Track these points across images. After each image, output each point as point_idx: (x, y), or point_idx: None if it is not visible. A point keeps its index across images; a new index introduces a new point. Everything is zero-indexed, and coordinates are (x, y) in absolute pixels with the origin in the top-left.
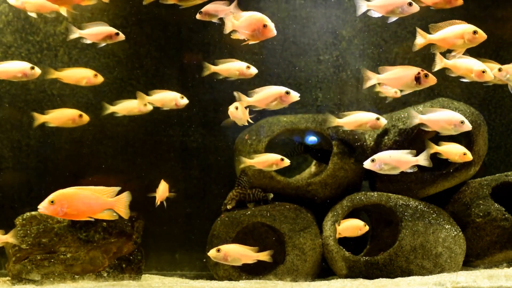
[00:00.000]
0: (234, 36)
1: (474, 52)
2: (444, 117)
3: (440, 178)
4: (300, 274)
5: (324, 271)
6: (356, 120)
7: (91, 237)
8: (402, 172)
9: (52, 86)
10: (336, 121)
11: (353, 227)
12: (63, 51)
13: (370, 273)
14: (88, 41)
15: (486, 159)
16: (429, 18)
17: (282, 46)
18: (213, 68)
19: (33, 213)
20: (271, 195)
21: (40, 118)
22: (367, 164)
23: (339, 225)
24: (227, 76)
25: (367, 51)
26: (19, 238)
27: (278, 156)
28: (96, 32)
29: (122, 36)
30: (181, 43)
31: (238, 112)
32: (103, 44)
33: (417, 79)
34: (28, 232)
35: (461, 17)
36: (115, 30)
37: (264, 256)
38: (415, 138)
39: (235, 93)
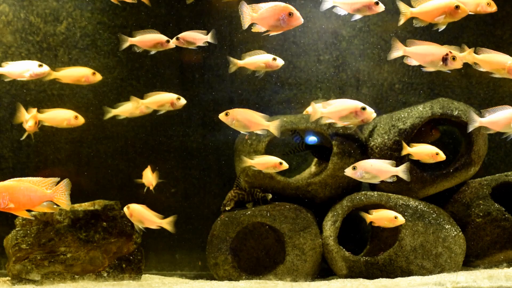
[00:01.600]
0: (255, 29)
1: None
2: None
3: (440, 178)
4: (300, 274)
5: (324, 271)
6: (339, 109)
7: (91, 237)
8: None
9: (52, 86)
10: (319, 112)
11: (386, 217)
12: (63, 51)
13: (370, 273)
14: (140, 49)
15: (486, 159)
16: None
17: (282, 46)
18: (239, 63)
19: (33, 213)
20: (270, 196)
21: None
22: (348, 172)
23: (371, 214)
24: (254, 70)
25: (367, 51)
26: (20, 238)
27: (278, 160)
28: (146, 40)
29: (172, 44)
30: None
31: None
32: (153, 52)
33: (445, 59)
34: (28, 232)
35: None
36: (166, 38)
37: (167, 223)
38: (415, 138)
39: (312, 103)
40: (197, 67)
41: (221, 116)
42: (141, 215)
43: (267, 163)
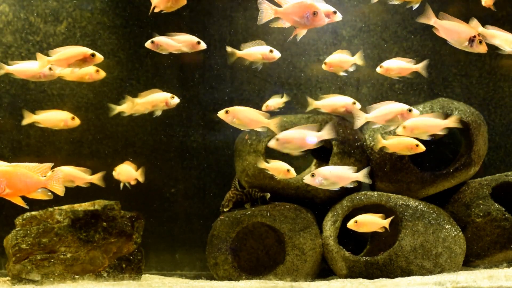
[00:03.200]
0: (276, 24)
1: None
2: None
3: (440, 178)
4: (300, 274)
5: (324, 271)
6: (332, 103)
7: (91, 237)
8: (402, 172)
9: (52, 86)
10: (314, 104)
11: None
12: None
13: (370, 273)
14: (166, 52)
15: (486, 159)
16: None
17: (282, 46)
18: (238, 53)
19: (33, 213)
20: (268, 195)
21: (30, 117)
22: (307, 179)
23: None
24: (252, 61)
25: (367, 51)
26: (20, 238)
27: (286, 167)
28: (174, 43)
29: (203, 45)
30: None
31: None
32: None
33: (471, 41)
34: (28, 232)
35: (461, 17)
36: (196, 39)
37: (96, 179)
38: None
39: (353, 107)
40: (197, 67)
41: (221, 113)
42: (71, 175)
43: (278, 168)
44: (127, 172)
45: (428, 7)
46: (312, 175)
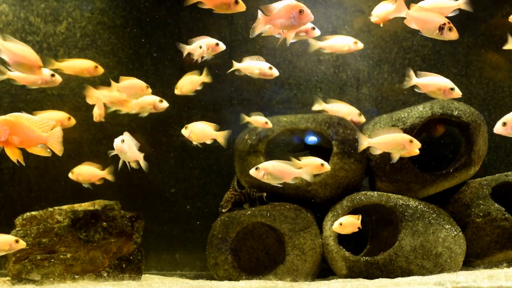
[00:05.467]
0: (267, 33)
1: (475, 50)
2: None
3: (440, 178)
4: (300, 274)
5: (324, 271)
6: (339, 110)
7: (91, 237)
8: (402, 172)
9: (52, 86)
10: (323, 105)
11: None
12: (63, 51)
13: (370, 273)
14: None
15: (486, 159)
16: None
17: (282, 46)
18: (235, 65)
19: (33, 213)
20: (265, 194)
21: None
22: (252, 172)
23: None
24: (249, 74)
25: (367, 51)
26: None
27: (320, 161)
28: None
29: (222, 47)
30: (181, 43)
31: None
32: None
33: (441, 28)
34: (28, 232)
35: (461, 17)
36: (216, 41)
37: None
38: (420, 133)
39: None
40: (197, 67)
41: (183, 130)
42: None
43: (313, 163)
44: (88, 173)
45: (399, 1)
46: (256, 168)
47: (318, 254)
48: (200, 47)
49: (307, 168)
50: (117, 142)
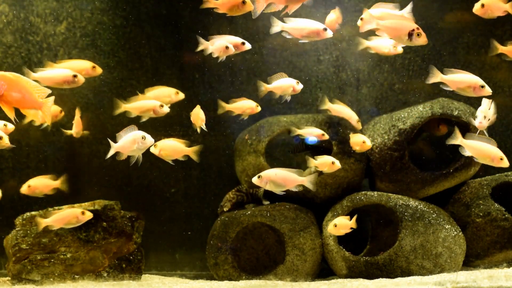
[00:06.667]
0: (270, 10)
1: (475, 50)
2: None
3: (440, 178)
4: (300, 274)
5: (324, 271)
6: (341, 112)
7: (91, 237)
8: (402, 172)
9: (52, 86)
10: (328, 105)
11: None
12: (63, 51)
13: (370, 273)
14: (216, 55)
15: None
16: (429, 18)
17: (282, 46)
18: (265, 87)
19: (33, 213)
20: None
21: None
22: (254, 180)
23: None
24: (281, 94)
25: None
26: (20, 238)
27: (332, 159)
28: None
29: (248, 46)
30: (181, 43)
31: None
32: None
33: (410, 35)
34: (28, 232)
35: (461, 16)
36: (241, 40)
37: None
38: (415, 138)
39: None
40: (197, 67)
41: (151, 148)
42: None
43: (326, 162)
44: (41, 184)
45: (367, 12)
46: (259, 177)
47: (318, 254)
48: (227, 48)
49: (310, 176)
50: (137, 136)
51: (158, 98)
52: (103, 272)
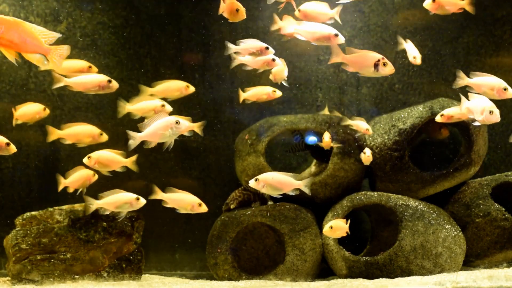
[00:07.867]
0: None
1: (475, 50)
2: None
3: (440, 178)
4: (300, 274)
5: (324, 271)
6: (355, 123)
7: (91, 237)
8: (402, 172)
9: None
10: (348, 121)
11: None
12: None
13: (370, 273)
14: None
15: (486, 159)
16: (429, 18)
17: (282, 46)
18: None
19: (33, 213)
20: None
21: (14, 115)
22: (252, 183)
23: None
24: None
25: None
26: (20, 238)
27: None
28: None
29: (271, 50)
30: (181, 43)
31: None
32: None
33: (376, 65)
34: (28, 232)
35: (461, 16)
36: (265, 45)
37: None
38: (415, 138)
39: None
40: (197, 67)
41: (85, 159)
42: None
43: (360, 125)
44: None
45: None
46: (256, 180)
47: (318, 254)
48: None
49: (306, 181)
50: (170, 121)
51: (167, 92)
52: (103, 272)
